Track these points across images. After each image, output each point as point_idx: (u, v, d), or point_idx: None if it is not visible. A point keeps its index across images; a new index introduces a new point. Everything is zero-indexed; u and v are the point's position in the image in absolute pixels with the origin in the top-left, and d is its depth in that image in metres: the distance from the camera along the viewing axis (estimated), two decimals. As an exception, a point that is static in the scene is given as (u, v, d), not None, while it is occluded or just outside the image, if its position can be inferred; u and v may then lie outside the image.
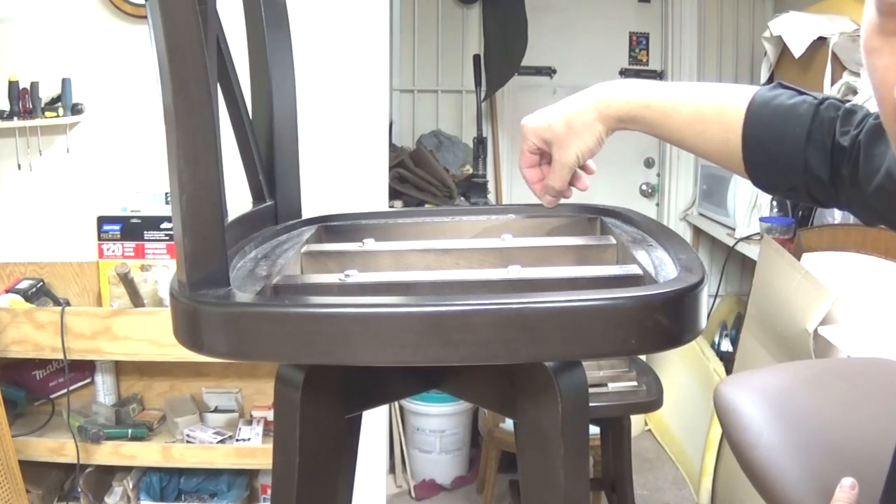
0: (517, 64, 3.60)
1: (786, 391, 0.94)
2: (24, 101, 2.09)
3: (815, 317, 1.94)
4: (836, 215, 2.34)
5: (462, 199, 3.23)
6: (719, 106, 0.85)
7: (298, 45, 1.00)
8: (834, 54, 2.44)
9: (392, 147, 3.07)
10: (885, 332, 1.85)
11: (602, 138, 0.89)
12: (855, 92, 2.31)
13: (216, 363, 2.25)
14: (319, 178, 1.98)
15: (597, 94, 0.89)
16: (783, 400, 0.92)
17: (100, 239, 2.20)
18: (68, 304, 2.18)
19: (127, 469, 2.24)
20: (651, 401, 2.07)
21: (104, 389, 2.25)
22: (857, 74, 2.34)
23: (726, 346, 3.21)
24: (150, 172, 2.19)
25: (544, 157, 0.94)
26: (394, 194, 2.93)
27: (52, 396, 2.22)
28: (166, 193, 2.17)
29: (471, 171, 3.48)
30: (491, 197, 3.57)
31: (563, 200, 0.96)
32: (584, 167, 0.95)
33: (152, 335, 2.00)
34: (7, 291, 2.12)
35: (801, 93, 0.83)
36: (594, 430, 2.22)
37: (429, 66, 3.77)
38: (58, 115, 2.13)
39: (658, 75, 3.79)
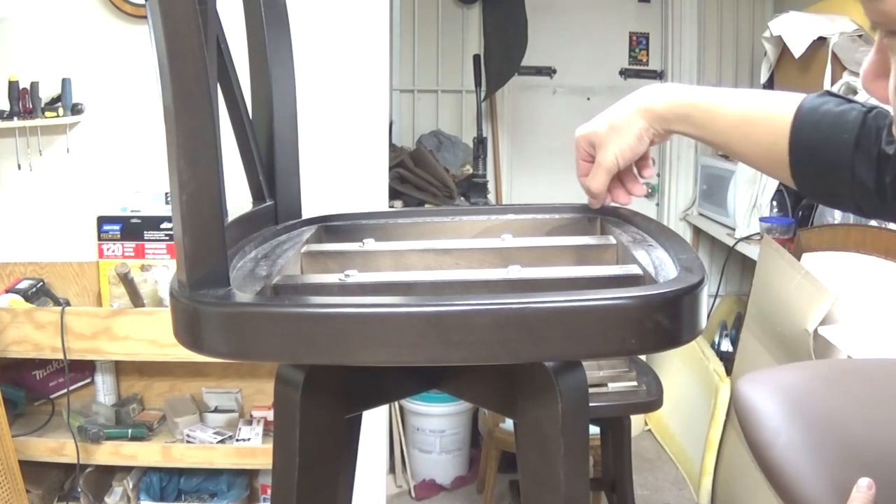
0: (517, 64, 3.60)
1: (805, 390, 0.93)
2: (24, 101, 2.10)
3: (815, 317, 1.94)
4: (836, 215, 2.34)
5: (462, 199, 3.23)
6: (766, 110, 0.85)
7: (298, 45, 1.00)
8: (834, 54, 2.44)
9: (392, 147, 3.07)
10: (885, 332, 1.85)
11: (643, 137, 0.89)
12: (855, 92, 2.31)
13: (216, 363, 2.25)
14: (319, 178, 1.98)
15: (642, 95, 0.90)
16: (802, 398, 0.91)
17: (100, 239, 2.20)
18: (68, 304, 2.18)
19: (127, 469, 2.24)
20: (651, 401, 2.06)
21: (104, 389, 2.25)
22: (857, 74, 2.34)
23: (726, 346, 3.20)
24: (150, 172, 2.19)
25: None
26: (394, 194, 2.93)
27: (52, 396, 2.22)
28: (166, 193, 2.17)
29: (471, 171, 3.48)
30: (491, 197, 3.57)
31: (613, 203, 0.96)
32: (642, 170, 0.95)
33: (152, 335, 2.00)
34: (7, 291, 2.12)
35: (849, 101, 0.83)
36: (594, 430, 2.22)
37: (429, 66, 3.77)
38: (58, 115, 2.13)
39: (658, 75, 3.79)
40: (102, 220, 2.19)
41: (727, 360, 2.76)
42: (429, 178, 3.09)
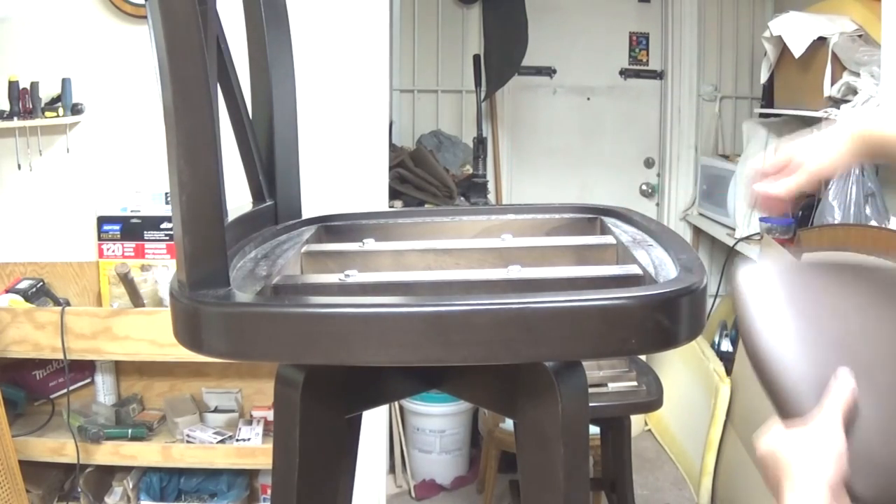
0: (517, 64, 3.60)
1: (808, 282, 0.92)
2: (24, 101, 2.10)
3: (815, 317, 1.93)
4: (836, 215, 2.33)
5: (462, 199, 3.23)
6: None
7: (298, 45, 1.00)
8: (834, 54, 2.44)
9: (392, 147, 3.06)
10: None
11: (844, 155, 0.89)
12: (855, 92, 2.31)
13: (216, 363, 2.25)
14: (319, 178, 1.98)
15: (857, 120, 0.90)
16: (802, 291, 0.89)
17: (100, 239, 2.20)
18: (68, 304, 2.18)
19: (127, 469, 2.24)
20: (651, 401, 2.06)
21: (104, 389, 2.25)
22: (857, 74, 2.34)
23: (726, 346, 3.20)
24: (150, 172, 2.19)
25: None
26: (394, 194, 2.93)
27: (52, 396, 2.22)
28: (166, 193, 2.17)
29: (471, 171, 3.48)
30: (491, 197, 3.57)
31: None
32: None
33: (152, 335, 2.00)
34: (7, 291, 2.12)
35: None
36: (594, 430, 2.21)
37: (429, 66, 3.77)
38: (58, 115, 2.13)
39: (658, 75, 3.79)
40: (102, 220, 2.19)
41: (727, 360, 2.76)
42: (429, 178, 3.09)
